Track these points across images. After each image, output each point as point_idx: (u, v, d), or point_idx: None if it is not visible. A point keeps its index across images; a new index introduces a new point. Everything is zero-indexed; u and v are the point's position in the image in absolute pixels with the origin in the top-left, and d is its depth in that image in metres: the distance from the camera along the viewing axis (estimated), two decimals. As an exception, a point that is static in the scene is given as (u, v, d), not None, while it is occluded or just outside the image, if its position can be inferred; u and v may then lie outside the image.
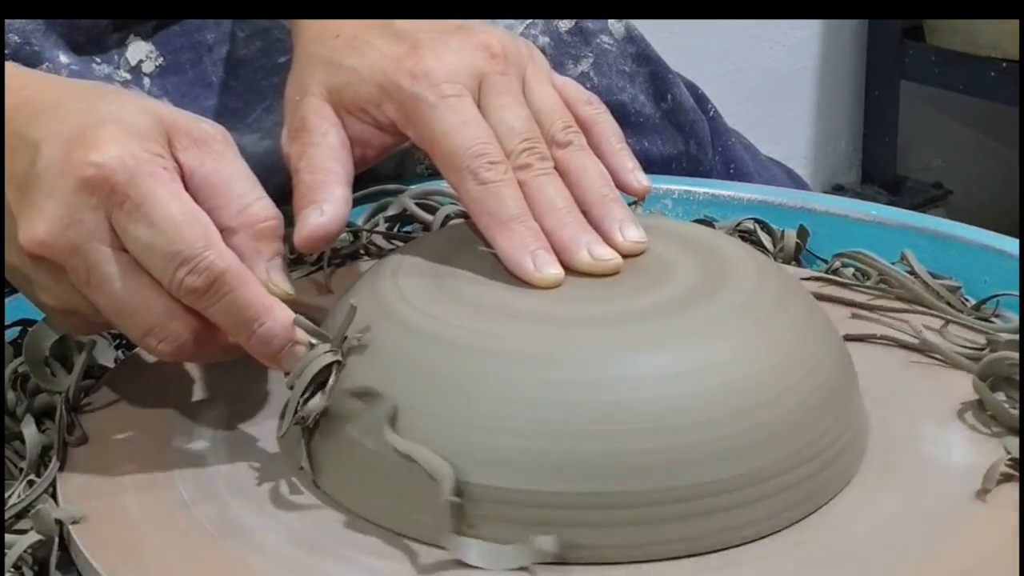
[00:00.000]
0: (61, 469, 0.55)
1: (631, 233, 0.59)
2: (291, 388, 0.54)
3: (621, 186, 0.62)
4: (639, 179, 0.63)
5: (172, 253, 0.52)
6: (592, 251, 0.57)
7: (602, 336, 0.52)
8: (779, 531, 0.51)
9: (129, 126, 0.54)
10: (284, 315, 0.54)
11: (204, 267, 0.52)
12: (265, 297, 0.54)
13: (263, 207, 0.56)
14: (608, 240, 0.58)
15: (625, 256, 0.58)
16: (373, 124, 0.64)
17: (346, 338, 0.54)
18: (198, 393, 0.62)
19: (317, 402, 0.53)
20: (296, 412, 0.53)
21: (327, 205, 0.60)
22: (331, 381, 0.53)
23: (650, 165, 0.89)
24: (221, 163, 0.56)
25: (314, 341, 0.54)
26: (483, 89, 0.62)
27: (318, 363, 0.53)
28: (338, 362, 0.54)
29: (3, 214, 0.56)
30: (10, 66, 0.61)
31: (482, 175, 0.58)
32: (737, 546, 0.50)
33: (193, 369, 0.63)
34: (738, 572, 0.49)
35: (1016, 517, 0.51)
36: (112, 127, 0.54)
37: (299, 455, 0.54)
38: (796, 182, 1.00)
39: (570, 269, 0.57)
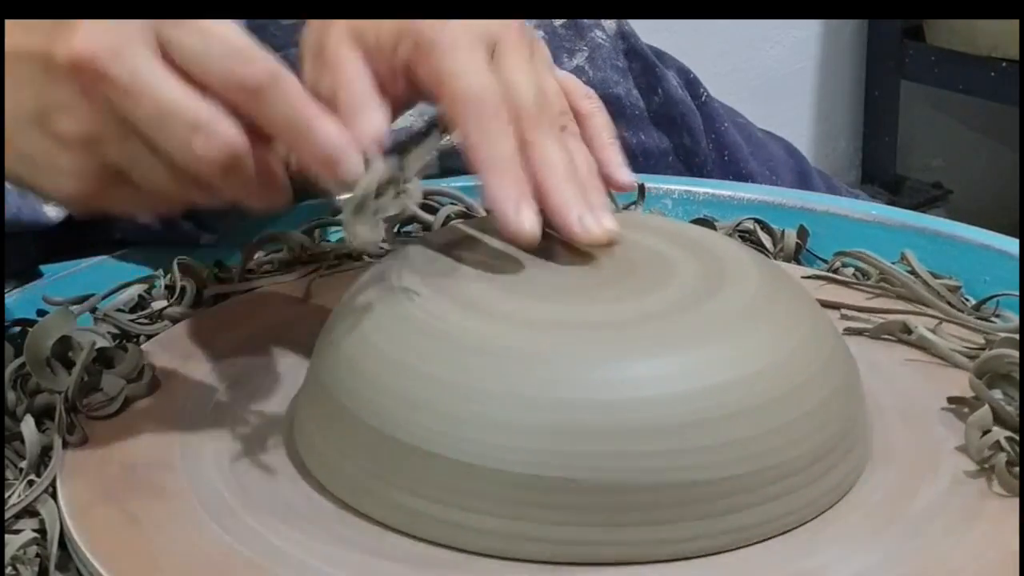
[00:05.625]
0: (61, 469, 0.55)
1: (606, 222, 0.60)
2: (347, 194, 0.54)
3: (606, 179, 0.64)
4: (624, 175, 0.65)
5: (232, 50, 0.53)
6: (583, 220, 0.59)
7: (603, 337, 0.52)
8: (783, 534, 0.51)
9: None
10: (337, 125, 0.55)
11: (263, 64, 0.53)
12: (319, 105, 0.55)
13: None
14: None
15: (595, 244, 0.59)
16: (387, 68, 0.64)
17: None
18: (200, 392, 0.62)
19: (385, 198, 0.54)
20: (364, 193, 0.53)
21: (375, 112, 0.61)
22: (392, 192, 0.55)
23: (645, 158, 0.91)
24: None
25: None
26: (497, 50, 0.63)
27: (387, 168, 0.55)
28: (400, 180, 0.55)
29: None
30: None
31: (483, 120, 0.59)
32: (736, 549, 0.50)
33: (195, 368, 0.63)
34: (733, 574, 0.49)
35: (1016, 517, 0.51)
36: None
37: None
38: (794, 156, 1.01)
39: (558, 232, 0.58)
